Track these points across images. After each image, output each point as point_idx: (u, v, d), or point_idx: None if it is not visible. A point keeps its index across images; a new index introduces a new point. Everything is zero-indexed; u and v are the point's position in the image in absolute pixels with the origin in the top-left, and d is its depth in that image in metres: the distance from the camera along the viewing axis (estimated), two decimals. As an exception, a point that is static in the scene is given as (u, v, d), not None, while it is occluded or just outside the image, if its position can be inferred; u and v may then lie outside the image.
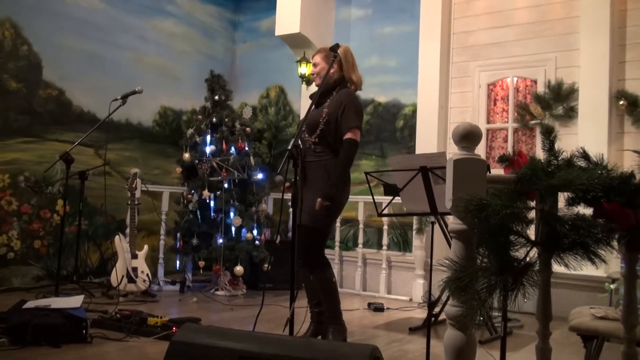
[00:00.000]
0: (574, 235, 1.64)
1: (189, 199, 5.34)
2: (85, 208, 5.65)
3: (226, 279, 5.24)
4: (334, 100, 3.45)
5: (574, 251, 1.64)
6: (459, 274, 1.68)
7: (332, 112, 3.41)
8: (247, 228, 5.28)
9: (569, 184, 1.62)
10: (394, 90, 6.27)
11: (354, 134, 3.38)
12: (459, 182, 1.72)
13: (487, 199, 1.62)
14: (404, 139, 6.18)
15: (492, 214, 1.60)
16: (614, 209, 1.63)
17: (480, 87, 5.64)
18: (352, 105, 3.43)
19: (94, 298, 4.71)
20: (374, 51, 6.43)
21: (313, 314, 3.53)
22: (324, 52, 3.55)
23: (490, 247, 1.66)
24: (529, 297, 1.62)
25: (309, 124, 3.45)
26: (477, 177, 1.72)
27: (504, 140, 5.53)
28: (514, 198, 1.70)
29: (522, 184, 1.71)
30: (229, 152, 5.35)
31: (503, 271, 1.63)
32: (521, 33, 5.46)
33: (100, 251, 5.95)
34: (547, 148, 1.79)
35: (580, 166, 1.73)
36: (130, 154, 6.34)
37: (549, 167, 1.74)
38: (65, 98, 5.71)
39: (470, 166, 1.71)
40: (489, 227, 1.63)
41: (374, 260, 5.76)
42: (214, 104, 5.54)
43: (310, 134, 3.46)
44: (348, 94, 3.48)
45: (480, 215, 1.62)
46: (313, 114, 3.46)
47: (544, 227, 1.68)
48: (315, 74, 3.58)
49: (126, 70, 6.21)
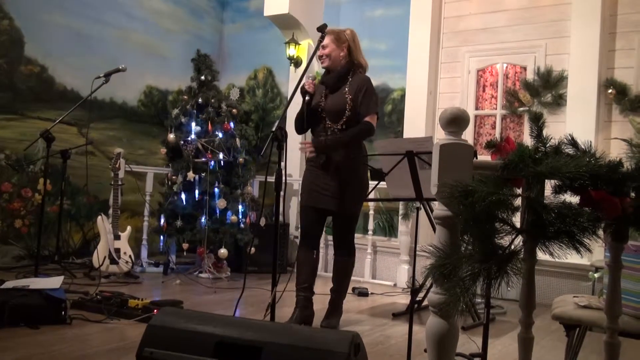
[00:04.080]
0: (559, 223, 1.62)
1: (174, 180, 5.27)
2: (68, 187, 5.58)
3: (210, 262, 5.20)
4: (353, 85, 3.46)
5: (559, 240, 1.61)
6: (442, 260, 1.65)
7: (355, 97, 3.43)
8: (232, 211, 5.23)
9: (556, 172, 1.59)
10: (383, 74, 6.21)
11: (372, 119, 3.45)
12: (444, 168, 1.68)
13: (473, 185, 1.59)
14: (392, 124, 6.14)
15: (478, 200, 1.57)
16: (601, 197, 1.61)
17: (469, 72, 5.60)
18: (372, 91, 3.50)
19: (75, 279, 4.65)
20: (363, 34, 6.26)
21: (300, 298, 3.48)
22: (334, 34, 3.49)
23: (475, 235, 1.63)
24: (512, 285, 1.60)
25: (332, 110, 3.45)
26: (464, 162, 1.69)
27: (492, 127, 5.51)
28: (500, 185, 1.67)
29: (508, 170, 1.68)
30: (215, 133, 5.28)
31: (487, 259, 1.61)
32: (512, 19, 5.41)
33: (82, 231, 5.88)
34: (535, 134, 1.76)
35: (568, 153, 1.70)
36: (115, 134, 6.24)
37: (537, 153, 1.70)
38: (47, 75, 5.60)
39: (457, 151, 1.68)
40: (474, 214, 1.60)
41: (359, 245, 5.65)
42: (200, 84, 5.45)
43: (334, 120, 3.44)
44: (367, 79, 3.52)
45: (465, 202, 1.59)
46: (334, 100, 3.46)
47: (529, 215, 1.65)
48: (324, 56, 3.51)
49: (111, 48, 6.09)
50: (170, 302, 3.64)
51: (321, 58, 3.52)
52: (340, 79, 3.48)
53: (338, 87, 3.48)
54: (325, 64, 3.53)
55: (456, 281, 1.61)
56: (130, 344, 2.94)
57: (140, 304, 3.47)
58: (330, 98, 3.48)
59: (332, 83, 3.50)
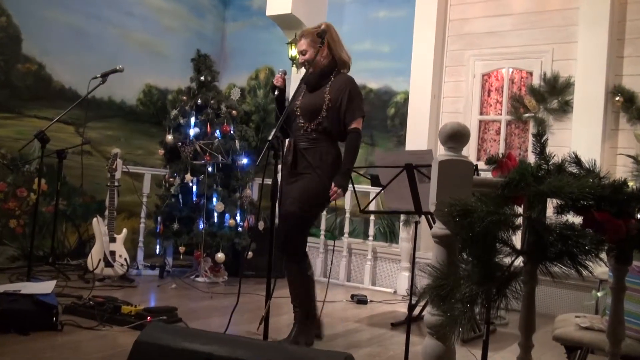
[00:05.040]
0: (561, 245, 1.58)
1: (171, 182, 5.25)
2: (64, 188, 5.55)
3: (207, 266, 5.17)
4: (334, 86, 3.33)
5: (561, 262, 1.58)
6: (439, 281, 1.62)
7: (334, 98, 3.30)
8: (230, 214, 5.20)
9: (559, 191, 1.56)
10: (386, 76, 6.18)
11: (358, 124, 3.34)
12: (443, 185, 1.65)
13: (472, 204, 1.56)
14: (395, 128, 6.10)
15: (477, 220, 1.54)
16: (605, 218, 1.57)
17: (474, 77, 5.57)
18: (356, 93, 3.37)
19: (69, 281, 4.63)
20: (367, 36, 6.33)
21: (297, 314, 3.44)
22: (310, 36, 3.38)
23: (474, 255, 1.60)
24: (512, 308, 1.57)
25: (307, 109, 3.33)
26: (463, 179, 1.66)
27: (496, 133, 5.47)
28: (500, 204, 1.63)
29: (509, 188, 1.64)
30: (214, 135, 5.26)
31: (486, 281, 1.58)
32: (518, 23, 5.37)
33: (78, 232, 5.86)
34: (537, 151, 1.72)
35: (571, 172, 1.67)
36: (113, 133, 6.22)
37: (539, 171, 1.67)
38: (45, 73, 5.57)
39: (456, 168, 1.65)
40: (473, 234, 1.56)
41: (359, 250, 5.71)
42: (200, 85, 5.42)
43: (308, 120, 3.33)
44: (350, 80, 3.39)
45: (464, 221, 1.56)
46: (311, 99, 3.36)
47: (530, 236, 1.62)
48: (305, 62, 3.39)
49: (111, 46, 6.07)
50: (165, 308, 3.61)
51: (303, 65, 3.42)
52: (322, 77, 3.36)
53: (319, 86, 3.37)
54: (311, 70, 3.36)
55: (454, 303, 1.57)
56: (122, 352, 2.91)
57: (133, 311, 3.44)
58: (309, 97, 3.37)
59: (313, 82, 3.37)
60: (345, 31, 6.48)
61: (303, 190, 3.25)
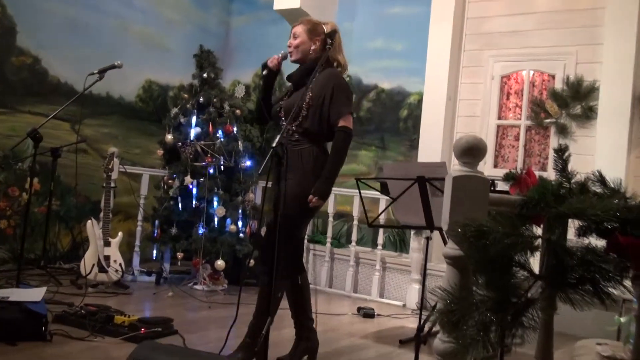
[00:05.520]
0: (582, 270, 1.56)
1: (170, 184, 5.24)
2: (58, 187, 5.56)
3: (206, 273, 5.16)
4: (318, 81, 3.17)
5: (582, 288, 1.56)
6: (451, 305, 1.60)
7: (316, 95, 3.15)
8: (232, 219, 5.19)
9: (581, 213, 1.54)
10: (399, 76, 6.15)
11: (346, 121, 3.13)
12: (457, 202, 1.63)
13: (488, 225, 1.54)
14: (407, 130, 6.07)
15: (493, 242, 1.52)
16: (630, 243, 1.55)
17: (493, 78, 5.53)
18: (342, 88, 3.15)
19: (61, 287, 4.63)
20: (380, 33, 6.31)
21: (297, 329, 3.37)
22: (309, 25, 3.27)
23: (488, 279, 1.58)
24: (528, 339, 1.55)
25: (289, 109, 3.19)
26: (478, 197, 1.64)
27: (515, 139, 5.43)
28: (518, 224, 1.61)
29: (528, 208, 1.62)
30: (216, 135, 5.25)
31: (501, 307, 1.55)
32: (541, 22, 5.33)
33: (72, 234, 5.87)
34: (559, 168, 1.70)
35: (595, 192, 1.64)
36: (110, 131, 6.23)
37: (560, 190, 1.65)
38: (40, 67, 5.59)
39: (472, 185, 1.63)
40: (488, 257, 1.54)
41: (367, 260, 5.68)
42: (202, 82, 5.42)
43: (291, 121, 3.17)
44: (335, 74, 3.21)
45: (478, 243, 1.53)
46: (293, 99, 3.23)
47: (549, 259, 1.59)
48: (292, 47, 3.24)
49: (109, 39, 6.08)
50: (160, 319, 3.61)
51: (289, 50, 3.26)
52: (305, 73, 3.20)
53: (302, 84, 3.21)
54: (293, 57, 3.25)
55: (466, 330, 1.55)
56: (114, 366, 2.90)
57: (127, 321, 3.43)
58: (293, 96, 3.26)
59: (297, 79, 3.25)
60: (357, 27, 6.49)
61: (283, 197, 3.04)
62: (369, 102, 6.38)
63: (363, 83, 6.40)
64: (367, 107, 6.36)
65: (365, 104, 6.39)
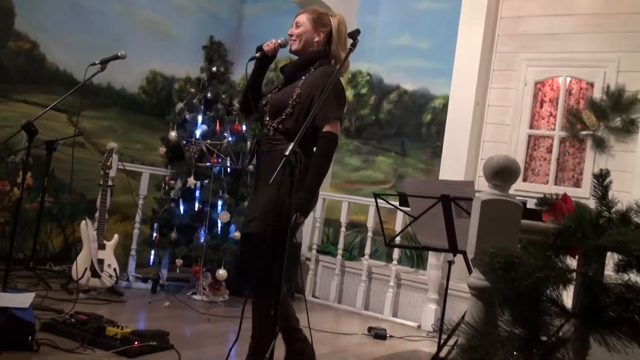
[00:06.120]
0: (620, 309, 1.54)
1: (172, 185, 5.26)
2: (52, 183, 5.59)
3: (206, 282, 5.17)
4: (310, 78, 3.11)
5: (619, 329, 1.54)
6: (474, 341, 1.58)
7: (305, 93, 3.08)
8: (236, 225, 5.20)
9: (622, 247, 1.52)
10: (424, 77, 6.13)
11: (333, 127, 3.05)
12: (485, 229, 1.61)
13: (518, 256, 1.52)
14: (430, 137, 6.06)
15: (523, 275, 1.50)
16: (675, 282, 1.53)
17: (526, 84, 5.50)
18: (334, 90, 3.02)
19: (50, 291, 4.65)
20: (404, 29, 6.30)
21: None
22: (314, 14, 3.22)
23: (516, 315, 1.56)
24: None
25: (275, 105, 3.14)
26: (509, 224, 1.62)
27: (547, 151, 5.39)
28: (551, 256, 1.59)
29: (563, 238, 1.60)
30: (223, 134, 5.26)
31: (529, 346, 1.54)
32: (581, 25, 5.29)
33: (64, 234, 5.90)
34: (598, 195, 1.67)
35: (637, 224, 1.61)
36: (110, 124, 6.26)
37: (599, 220, 1.63)
38: (38, 53, 5.63)
39: (502, 210, 1.61)
40: (517, 291, 1.53)
41: (380, 275, 5.67)
42: (211, 77, 5.44)
43: (272, 116, 3.13)
44: (329, 73, 3.09)
45: (507, 275, 1.52)
46: (282, 93, 3.17)
47: (584, 296, 1.57)
48: (294, 36, 3.20)
49: (113, 24, 6.10)
50: (155, 332, 3.61)
51: (291, 38, 3.22)
52: (299, 67, 3.17)
53: (295, 78, 3.17)
54: (294, 47, 3.20)
55: (489, 370, 1.54)
56: (104, 382, 2.91)
57: (119, 333, 3.43)
58: (282, 90, 3.19)
59: (290, 72, 3.21)
60: (380, 22, 6.48)
61: (262, 206, 3.00)
62: (389, 103, 6.37)
63: (384, 83, 6.39)
64: (388, 109, 6.35)
65: (385, 105, 6.38)
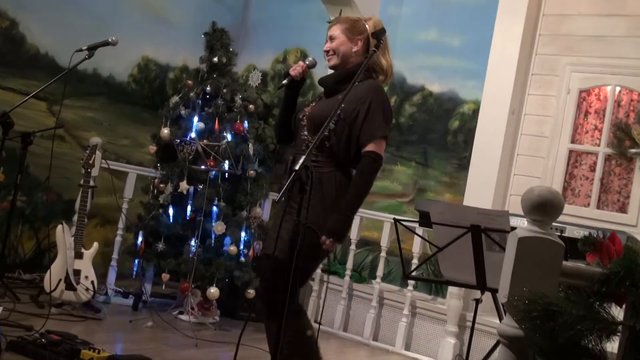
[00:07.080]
0: (672, 370, 1.54)
1: (161, 188, 5.28)
2: (26, 180, 5.60)
3: (195, 301, 5.19)
4: (355, 93, 3.17)
5: (670, 393, 1.53)
6: (503, 398, 1.58)
7: (349, 109, 3.18)
8: (232, 238, 5.22)
9: (677, 299, 1.51)
10: (453, 78, 6.13)
11: (378, 147, 3.17)
12: (521, 270, 1.61)
13: (559, 304, 1.52)
14: (457, 146, 6.05)
15: (563, 327, 1.50)
16: None
17: (569, 92, 5.49)
18: (380, 107, 3.20)
19: (19, 303, 4.67)
20: (432, 23, 6.30)
21: None
22: (346, 23, 3.31)
23: (553, 371, 1.56)
24: None
25: (314, 120, 3.24)
26: (549, 266, 1.61)
27: (590, 169, 5.38)
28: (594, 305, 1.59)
29: (609, 285, 1.60)
30: (222, 134, 5.28)
31: (566, 408, 1.53)
32: (634, 28, 5.28)
33: (37, 238, 5.92)
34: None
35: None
36: (94, 115, 6.28)
37: (652, 265, 1.62)
38: (18, 32, 5.67)
39: (541, 250, 1.61)
40: (556, 343, 1.52)
41: (393, 301, 5.67)
42: (211, 68, 5.46)
43: (313, 133, 3.22)
44: (377, 88, 3.26)
45: (545, 326, 1.51)
46: (321, 107, 3.29)
47: (630, 351, 1.57)
48: (330, 51, 3.30)
49: (103, 4, 6.13)
50: (135, 358, 3.63)
51: (327, 54, 3.32)
52: (340, 80, 3.25)
53: (337, 91, 3.25)
54: (332, 62, 3.31)
55: None
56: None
57: (95, 358, 3.45)
58: (322, 104, 3.31)
59: (331, 84, 3.31)
60: (405, 14, 6.49)
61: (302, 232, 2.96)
62: (412, 106, 6.36)
63: (407, 82, 6.39)
64: (410, 112, 6.35)
65: (407, 108, 6.38)
